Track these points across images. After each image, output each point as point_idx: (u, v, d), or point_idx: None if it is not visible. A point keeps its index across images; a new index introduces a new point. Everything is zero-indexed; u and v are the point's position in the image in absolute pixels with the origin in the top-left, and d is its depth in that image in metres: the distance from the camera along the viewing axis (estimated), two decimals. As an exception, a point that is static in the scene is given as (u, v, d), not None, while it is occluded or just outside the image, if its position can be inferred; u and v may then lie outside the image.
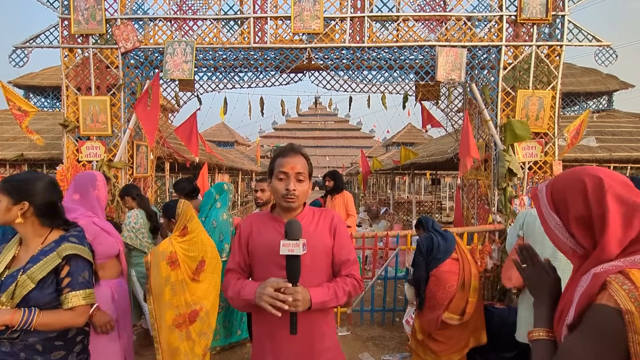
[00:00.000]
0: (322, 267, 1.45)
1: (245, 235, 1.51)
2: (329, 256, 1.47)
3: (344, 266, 1.47)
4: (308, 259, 1.34)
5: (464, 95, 4.71)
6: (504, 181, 3.91)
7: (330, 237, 1.48)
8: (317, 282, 1.39)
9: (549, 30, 4.06)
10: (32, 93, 8.34)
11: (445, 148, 8.52)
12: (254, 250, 1.47)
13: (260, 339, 1.47)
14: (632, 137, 6.96)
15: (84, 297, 1.43)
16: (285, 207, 1.45)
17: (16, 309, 1.34)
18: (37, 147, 5.45)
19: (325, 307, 1.38)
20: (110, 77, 4.21)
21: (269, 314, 1.34)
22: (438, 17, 4.08)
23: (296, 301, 1.25)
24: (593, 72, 8.96)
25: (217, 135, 25.02)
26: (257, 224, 1.51)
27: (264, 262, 1.44)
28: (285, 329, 1.30)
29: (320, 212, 1.54)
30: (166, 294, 2.40)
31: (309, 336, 1.39)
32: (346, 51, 4.18)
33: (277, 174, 1.45)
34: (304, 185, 1.46)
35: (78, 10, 4.05)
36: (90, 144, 4.14)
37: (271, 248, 1.40)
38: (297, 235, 1.28)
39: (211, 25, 4.17)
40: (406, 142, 22.11)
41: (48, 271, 1.38)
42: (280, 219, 1.48)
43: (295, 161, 1.44)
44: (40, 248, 1.43)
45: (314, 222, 1.49)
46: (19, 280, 1.35)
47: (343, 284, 1.42)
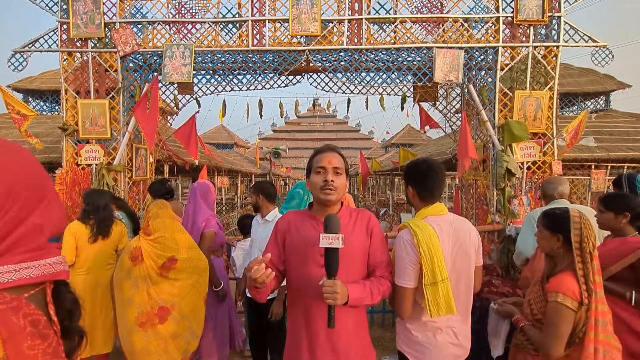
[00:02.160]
0: (358, 266, 1.47)
1: (282, 232, 1.53)
2: (365, 256, 1.49)
3: (379, 267, 1.49)
4: (345, 257, 1.35)
5: (462, 96, 4.73)
6: (502, 181, 3.92)
7: (367, 238, 1.50)
8: (352, 281, 1.40)
9: (546, 31, 4.08)
10: (31, 97, 8.34)
11: (444, 149, 8.54)
12: (291, 247, 1.49)
13: (296, 332, 1.48)
14: (629, 137, 7.00)
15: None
16: (324, 200, 1.45)
17: None
18: (36, 151, 5.45)
19: (360, 304, 1.39)
20: (109, 81, 4.22)
21: (304, 307, 1.41)
22: (435, 18, 4.10)
23: (335, 294, 1.26)
24: (590, 73, 9.00)
25: (216, 138, 25.00)
26: (294, 221, 1.53)
27: (301, 259, 1.45)
28: (321, 322, 1.34)
29: (357, 212, 1.55)
30: (125, 288, 2.36)
31: (344, 331, 1.41)
32: (344, 53, 4.20)
33: (315, 169, 1.48)
34: (341, 179, 1.47)
35: (77, 14, 4.06)
36: (90, 147, 4.15)
37: (309, 245, 1.43)
38: (336, 229, 1.29)
39: (210, 29, 4.19)
40: (405, 143, 22.11)
41: None
42: (317, 216, 1.49)
43: (332, 156, 1.48)
44: None
45: (352, 221, 1.51)
46: None
47: (378, 284, 1.44)
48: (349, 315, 1.42)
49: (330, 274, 1.30)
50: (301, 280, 1.44)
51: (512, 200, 3.99)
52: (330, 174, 1.45)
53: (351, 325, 1.44)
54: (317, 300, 1.37)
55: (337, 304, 1.28)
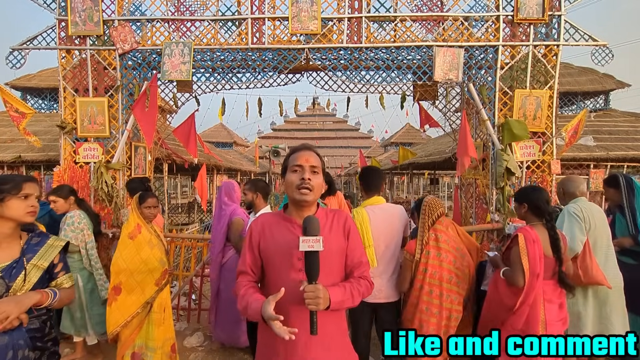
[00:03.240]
0: (336, 268, 1.43)
1: (257, 237, 1.47)
2: (342, 257, 1.45)
3: (357, 268, 1.46)
4: (324, 261, 1.31)
5: (462, 95, 4.72)
6: (501, 180, 3.92)
7: (345, 238, 1.46)
8: (331, 284, 1.36)
9: (546, 30, 4.07)
10: (29, 95, 8.31)
11: (443, 148, 8.54)
12: (267, 253, 1.44)
13: (271, 341, 1.39)
14: (628, 136, 7.00)
15: (71, 278, 1.73)
16: (299, 201, 1.41)
17: (41, 290, 1.56)
18: (35, 149, 5.43)
19: (342, 307, 1.36)
20: (107, 79, 4.20)
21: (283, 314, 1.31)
22: (435, 17, 4.09)
23: (317, 299, 1.22)
24: (590, 72, 9.00)
25: (216, 136, 24.98)
26: (268, 225, 1.47)
27: (278, 264, 1.40)
28: (300, 329, 1.28)
29: (333, 213, 1.52)
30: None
31: (324, 337, 1.36)
32: (344, 51, 4.19)
33: (292, 167, 1.44)
34: (318, 178, 1.43)
35: (75, 12, 4.04)
36: (88, 146, 4.13)
37: (285, 250, 1.38)
38: (316, 231, 1.26)
39: (209, 26, 4.17)
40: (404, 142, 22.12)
41: (52, 258, 1.62)
42: (293, 219, 1.44)
43: (309, 154, 1.44)
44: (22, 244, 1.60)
45: (328, 222, 1.47)
46: (27, 268, 1.53)
47: (358, 285, 1.41)
48: (329, 319, 1.37)
49: (311, 279, 1.25)
50: (278, 287, 1.36)
51: (511, 199, 3.99)
52: (307, 172, 1.40)
53: (330, 330, 1.39)
54: (295, 306, 1.32)
55: (319, 309, 1.23)
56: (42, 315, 1.59)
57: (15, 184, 1.53)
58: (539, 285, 2.15)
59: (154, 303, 2.71)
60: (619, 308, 2.60)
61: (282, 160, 1.60)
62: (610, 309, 2.57)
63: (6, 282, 1.47)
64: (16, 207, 1.52)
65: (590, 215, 2.62)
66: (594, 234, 2.62)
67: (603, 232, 2.67)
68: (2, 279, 1.47)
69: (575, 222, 2.59)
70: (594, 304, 2.60)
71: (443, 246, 2.43)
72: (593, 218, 2.62)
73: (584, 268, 2.51)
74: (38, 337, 1.55)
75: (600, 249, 2.64)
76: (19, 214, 1.53)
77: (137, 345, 2.66)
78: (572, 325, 2.57)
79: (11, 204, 1.51)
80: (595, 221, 2.63)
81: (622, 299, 2.63)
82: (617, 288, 2.61)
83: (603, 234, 2.67)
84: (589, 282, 2.52)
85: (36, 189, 1.60)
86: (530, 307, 2.15)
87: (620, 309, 2.61)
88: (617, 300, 2.60)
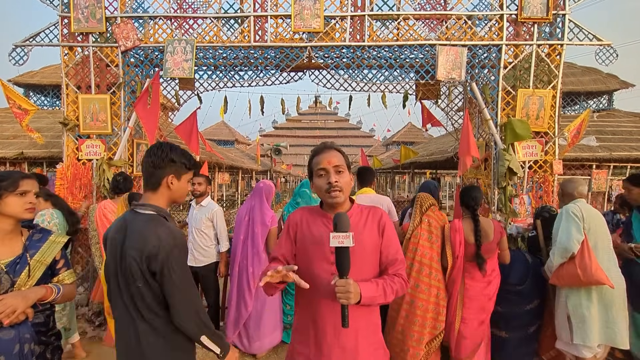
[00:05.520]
0: (370, 264, 1.44)
1: (294, 226, 1.52)
2: (376, 254, 1.46)
3: (392, 265, 1.46)
4: (356, 256, 1.33)
5: (464, 94, 4.70)
6: (503, 180, 3.91)
7: (379, 235, 1.47)
8: (364, 279, 1.37)
9: (550, 29, 4.05)
10: (32, 91, 8.33)
11: (445, 147, 8.52)
12: (302, 243, 1.48)
13: (303, 328, 1.46)
14: (632, 137, 6.96)
15: (73, 274, 1.74)
16: (332, 203, 1.44)
17: (46, 285, 1.58)
18: (37, 146, 5.45)
19: (373, 303, 1.36)
20: (110, 76, 4.21)
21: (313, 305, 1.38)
22: (438, 16, 4.07)
23: (347, 293, 1.24)
24: (593, 72, 8.95)
25: (218, 134, 25.01)
26: (307, 217, 1.52)
27: (312, 255, 1.44)
28: (331, 320, 1.34)
29: (368, 209, 1.53)
30: None
31: (354, 331, 1.39)
32: (346, 50, 4.18)
33: (317, 172, 1.46)
34: (345, 177, 1.44)
35: (78, 9, 4.04)
36: (90, 143, 4.14)
37: (319, 242, 1.42)
38: (346, 227, 1.28)
39: (211, 24, 4.16)
40: (406, 141, 22.10)
41: (54, 255, 1.64)
42: (328, 215, 1.47)
43: (330, 155, 1.45)
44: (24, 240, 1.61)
45: (363, 219, 1.48)
46: (30, 264, 1.55)
47: (391, 282, 1.40)
48: (360, 314, 1.40)
49: (342, 273, 1.28)
50: (311, 278, 1.40)
51: (513, 199, 3.98)
52: (332, 174, 1.42)
53: (362, 325, 1.41)
54: (327, 298, 1.36)
55: (349, 303, 1.25)
56: (46, 310, 1.62)
57: (13, 181, 1.54)
58: (458, 266, 2.66)
59: None
60: (623, 310, 2.59)
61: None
62: (617, 312, 2.55)
63: (11, 277, 1.49)
64: (14, 203, 1.53)
65: (589, 216, 2.60)
66: (594, 236, 2.60)
67: (603, 235, 2.65)
68: (7, 274, 1.49)
69: (572, 221, 2.58)
70: (599, 307, 2.57)
71: (434, 231, 2.70)
72: (592, 219, 2.61)
73: (583, 267, 2.49)
74: (43, 331, 1.58)
75: (602, 251, 2.62)
76: (17, 210, 1.54)
77: None
78: (577, 329, 2.56)
79: (9, 201, 1.52)
80: (595, 222, 2.62)
81: (625, 300, 2.62)
82: (620, 290, 2.59)
83: (604, 237, 2.65)
84: (589, 282, 2.49)
85: (34, 185, 1.61)
86: (451, 285, 2.69)
87: (624, 309, 2.60)
88: (622, 302, 2.59)
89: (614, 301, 2.55)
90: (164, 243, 1.33)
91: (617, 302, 2.56)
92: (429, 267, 2.64)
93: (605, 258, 2.61)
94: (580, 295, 2.58)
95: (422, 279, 2.62)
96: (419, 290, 2.61)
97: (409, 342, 2.60)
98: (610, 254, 2.66)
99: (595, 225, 2.62)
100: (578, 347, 2.58)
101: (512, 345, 2.86)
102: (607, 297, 2.56)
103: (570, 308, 2.61)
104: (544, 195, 4.04)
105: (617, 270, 2.63)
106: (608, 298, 2.56)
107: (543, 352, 2.95)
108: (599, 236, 2.62)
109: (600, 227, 2.64)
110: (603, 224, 2.67)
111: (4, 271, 1.49)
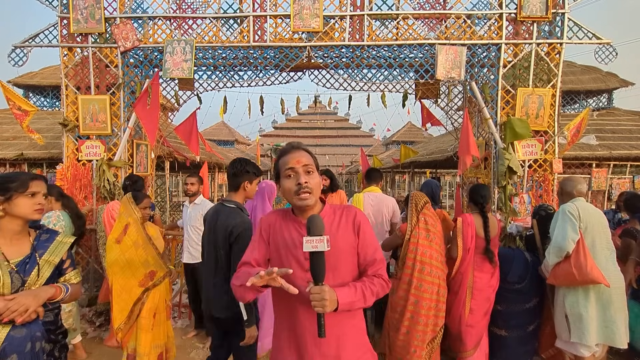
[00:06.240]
0: (347, 267, 1.37)
1: (267, 230, 1.44)
2: (353, 256, 1.38)
3: (371, 266, 1.38)
4: (332, 260, 1.27)
5: (464, 93, 4.70)
6: (503, 179, 3.91)
7: (354, 235, 1.39)
8: (342, 283, 1.31)
9: (549, 28, 4.05)
10: (31, 92, 8.33)
11: (445, 146, 8.52)
12: (275, 248, 1.41)
13: (281, 337, 1.41)
14: (632, 135, 6.96)
15: (78, 274, 1.78)
16: (301, 206, 1.36)
17: (55, 285, 1.61)
18: (37, 147, 5.45)
19: (352, 309, 1.28)
20: (109, 76, 4.21)
21: (289, 313, 1.31)
22: (438, 15, 4.07)
23: (323, 301, 1.17)
24: (593, 70, 8.95)
25: (217, 134, 25.01)
26: (279, 221, 1.44)
27: (285, 262, 1.36)
28: (309, 329, 1.26)
29: (341, 209, 1.44)
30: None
31: (335, 339, 1.32)
32: (346, 49, 4.18)
33: (285, 173, 1.37)
34: (314, 178, 1.36)
35: (77, 9, 4.04)
36: (90, 143, 4.14)
37: (292, 247, 1.35)
38: (320, 231, 1.20)
39: (211, 24, 4.16)
40: (406, 140, 22.10)
41: (62, 255, 1.67)
42: (299, 218, 1.39)
43: (299, 155, 1.37)
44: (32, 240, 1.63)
45: (336, 219, 1.41)
46: (39, 263, 1.58)
47: (370, 284, 1.32)
48: (341, 319, 1.32)
49: (317, 280, 1.20)
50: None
51: (513, 198, 3.98)
52: (302, 175, 1.33)
53: (344, 331, 1.34)
54: (303, 305, 1.29)
55: (325, 311, 1.18)
56: (55, 309, 1.66)
57: (22, 182, 1.55)
58: (469, 258, 2.78)
59: (142, 307, 2.62)
60: (622, 308, 2.59)
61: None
62: (615, 310, 2.54)
63: (22, 276, 1.52)
64: (23, 204, 1.55)
65: (586, 215, 2.59)
66: (591, 234, 2.59)
67: (602, 233, 2.64)
68: (18, 274, 1.51)
69: (568, 220, 2.58)
70: (597, 306, 2.56)
71: (431, 229, 2.75)
72: (589, 218, 2.60)
73: (578, 266, 2.48)
74: (52, 329, 1.61)
75: (601, 251, 2.61)
76: (26, 211, 1.55)
77: (130, 347, 2.65)
78: (575, 328, 2.56)
79: (18, 202, 1.54)
80: (592, 221, 2.61)
81: (624, 299, 2.62)
82: (619, 288, 2.58)
83: (602, 235, 2.64)
84: (584, 281, 2.48)
85: (43, 186, 1.63)
86: (461, 277, 2.79)
87: (623, 309, 2.59)
88: (621, 301, 2.59)
89: (612, 300, 2.54)
90: (239, 225, 2.04)
91: (616, 301, 2.55)
92: (430, 265, 2.66)
93: (603, 257, 2.60)
94: (578, 295, 2.58)
95: (425, 277, 2.63)
96: (422, 289, 2.62)
97: (414, 343, 2.59)
98: (608, 252, 2.65)
99: (593, 224, 2.61)
100: (576, 345, 2.57)
101: (511, 344, 2.86)
102: (605, 296, 2.55)
103: (567, 307, 2.61)
104: (543, 194, 4.04)
105: (616, 270, 2.62)
106: (606, 297, 2.55)
107: (542, 350, 2.96)
108: (596, 235, 2.61)
109: (598, 225, 2.63)
110: (602, 223, 2.66)
111: (15, 270, 1.51)
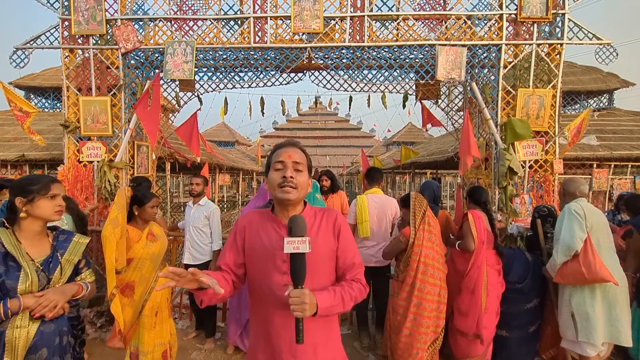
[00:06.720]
0: (326, 271, 1.34)
1: (242, 232, 1.39)
2: (332, 259, 1.36)
3: (350, 270, 1.36)
4: (311, 263, 1.22)
5: (464, 94, 4.70)
6: (504, 180, 3.90)
7: (334, 239, 1.36)
8: (320, 288, 1.27)
9: (549, 29, 4.05)
10: (33, 94, 8.36)
11: (446, 147, 8.52)
12: (251, 251, 1.36)
13: (256, 343, 1.36)
14: (632, 136, 6.96)
15: (92, 273, 1.82)
16: (282, 199, 1.31)
17: (77, 282, 1.69)
18: (38, 148, 5.46)
19: (331, 314, 1.26)
20: (110, 78, 4.22)
21: (265, 318, 1.28)
22: (438, 16, 4.08)
23: (303, 304, 1.13)
24: (594, 71, 8.94)
25: (218, 135, 25.05)
26: (255, 223, 1.39)
27: (262, 265, 1.32)
28: (285, 335, 1.23)
29: (322, 212, 1.42)
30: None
31: (312, 346, 1.28)
32: (346, 50, 4.18)
33: (274, 165, 1.34)
34: (302, 176, 1.33)
35: (78, 11, 4.06)
36: (91, 145, 4.15)
37: (269, 250, 1.30)
38: (302, 232, 1.17)
39: (211, 26, 4.17)
40: (406, 141, 22.10)
41: (80, 254, 1.73)
42: (279, 218, 1.35)
43: (292, 150, 1.34)
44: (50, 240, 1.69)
45: (317, 222, 1.38)
46: (61, 263, 1.64)
47: (349, 288, 1.30)
48: (318, 327, 1.28)
49: (297, 283, 1.15)
50: (262, 289, 1.30)
51: (514, 198, 3.98)
52: (289, 169, 1.30)
53: (320, 339, 1.30)
54: (280, 310, 1.26)
55: (305, 315, 1.13)
56: (77, 305, 1.80)
57: (44, 185, 1.61)
58: (483, 251, 2.76)
59: (145, 305, 2.60)
60: (626, 308, 2.61)
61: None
62: (620, 309, 2.56)
63: (47, 275, 1.59)
64: (44, 206, 1.60)
65: (591, 215, 2.61)
66: (596, 234, 2.61)
67: (605, 234, 2.66)
68: (43, 272, 1.58)
69: (575, 219, 2.58)
70: (603, 304, 2.57)
71: (433, 230, 2.77)
72: (594, 217, 2.62)
73: (587, 265, 2.49)
74: (75, 324, 1.73)
75: (605, 250, 2.62)
76: (47, 212, 1.61)
77: (133, 345, 2.66)
78: (582, 327, 2.56)
79: (40, 204, 1.59)
80: (597, 220, 2.63)
81: (628, 298, 2.64)
82: (623, 287, 2.60)
83: (606, 236, 2.66)
84: (593, 279, 2.49)
85: (62, 189, 1.69)
86: (477, 271, 2.74)
87: (627, 308, 2.61)
88: (625, 300, 2.60)
89: (617, 299, 2.55)
90: None
91: (621, 300, 2.56)
92: (432, 267, 2.66)
93: (608, 256, 2.61)
94: (584, 293, 2.58)
95: (428, 279, 2.63)
96: (425, 291, 2.61)
97: (417, 345, 2.58)
98: (612, 252, 2.66)
99: (597, 224, 2.62)
100: (582, 345, 2.58)
101: (512, 345, 2.86)
102: (610, 295, 2.56)
103: (574, 306, 2.61)
104: (544, 195, 4.04)
105: (619, 269, 2.63)
106: (612, 296, 2.56)
107: (542, 351, 2.96)
108: (601, 235, 2.63)
109: (602, 225, 2.65)
110: (605, 223, 2.68)
111: (40, 269, 1.57)
